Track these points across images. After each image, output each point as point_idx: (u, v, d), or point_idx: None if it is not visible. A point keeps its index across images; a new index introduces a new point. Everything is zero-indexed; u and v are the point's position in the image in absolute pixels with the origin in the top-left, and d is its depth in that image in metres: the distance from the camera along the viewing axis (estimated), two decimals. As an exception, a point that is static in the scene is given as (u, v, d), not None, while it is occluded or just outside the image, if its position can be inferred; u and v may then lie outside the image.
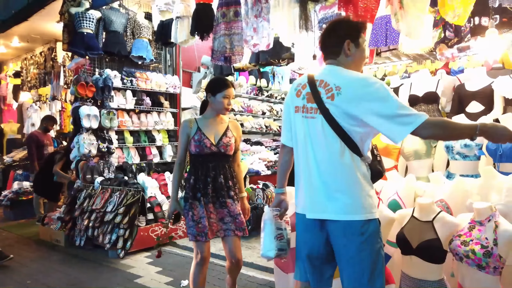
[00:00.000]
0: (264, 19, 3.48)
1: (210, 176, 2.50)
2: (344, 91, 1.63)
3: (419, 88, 3.64)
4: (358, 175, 1.66)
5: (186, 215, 2.49)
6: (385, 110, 1.54)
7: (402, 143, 3.13)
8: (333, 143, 1.65)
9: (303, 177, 1.77)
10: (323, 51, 1.81)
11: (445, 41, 3.55)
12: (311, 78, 1.76)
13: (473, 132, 1.53)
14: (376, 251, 1.68)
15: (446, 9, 2.50)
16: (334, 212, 1.66)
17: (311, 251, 1.77)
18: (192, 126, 2.53)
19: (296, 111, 1.79)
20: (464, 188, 2.44)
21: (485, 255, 1.86)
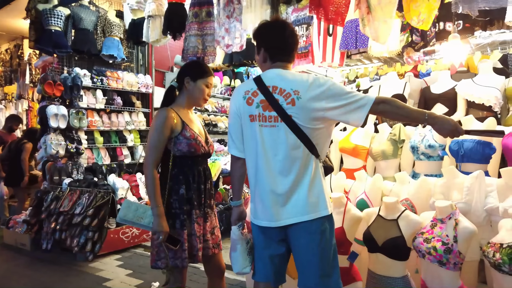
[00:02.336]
0: (236, 19, 3.49)
1: (203, 182, 2.10)
2: (303, 94, 1.66)
3: (388, 90, 3.74)
4: (318, 175, 1.72)
5: (181, 235, 2.00)
6: (342, 102, 1.63)
7: (370, 144, 3.21)
8: (296, 149, 1.68)
9: (261, 187, 1.73)
10: (272, 52, 1.77)
11: (412, 45, 3.67)
12: (261, 84, 1.72)
13: (422, 117, 1.62)
14: (333, 245, 1.76)
15: (411, 14, 2.58)
16: (297, 215, 1.68)
17: (272, 253, 1.78)
18: (176, 119, 2.02)
19: (252, 120, 1.73)
20: (428, 187, 2.54)
21: (445, 252, 1.94)
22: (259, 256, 1.83)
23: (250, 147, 1.76)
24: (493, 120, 2.69)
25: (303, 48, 4.12)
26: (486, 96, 3.05)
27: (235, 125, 1.80)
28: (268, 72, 1.77)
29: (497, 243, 1.89)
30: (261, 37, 1.83)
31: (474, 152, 2.58)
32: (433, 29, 3.49)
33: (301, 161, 1.68)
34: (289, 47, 1.79)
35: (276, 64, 1.77)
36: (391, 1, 2.73)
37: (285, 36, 1.77)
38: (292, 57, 1.82)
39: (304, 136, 1.67)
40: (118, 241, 4.11)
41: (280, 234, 1.74)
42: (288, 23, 1.84)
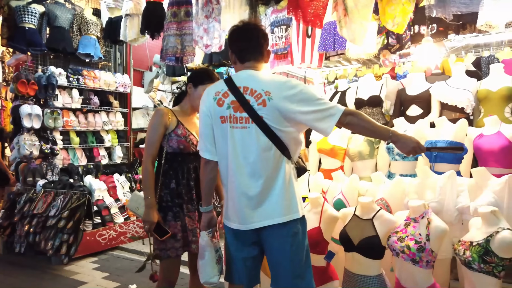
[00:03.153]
0: (215, 20, 3.48)
1: (192, 178, 2.17)
2: (274, 95, 1.65)
3: (364, 92, 3.80)
4: (290, 178, 1.71)
5: (174, 227, 2.11)
6: (313, 107, 1.63)
7: (347, 144, 3.25)
8: (268, 151, 1.66)
9: (233, 189, 1.71)
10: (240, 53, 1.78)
11: (388, 47, 3.75)
12: (232, 85, 1.72)
13: (386, 134, 1.69)
14: (306, 247, 1.76)
15: (386, 18, 2.63)
16: (269, 218, 1.67)
17: (245, 255, 1.77)
18: (171, 117, 2.15)
19: (223, 121, 1.71)
20: (403, 187, 2.59)
21: (418, 250, 1.98)
22: (232, 258, 1.81)
23: (221, 149, 1.74)
24: (465, 121, 2.76)
25: (282, 49, 4.15)
26: (458, 98, 3.13)
27: (206, 127, 1.77)
28: (240, 73, 1.77)
29: (467, 241, 1.95)
30: (231, 40, 1.84)
31: (447, 153, 2.65)
32: (408, 32, 3.58)
33: (273, 163, 1.67)
34: (258, 48, 1.79)
35: (246, 65, 1.78)
36: (367, 4, 2.77)
37: (252, 36, 1.77)
38: (262, 58, 1.82)
39: (276, 137, 1.66)
40: (94, 243, 4.03)
41: (253, 236, 1.73)
42: (257, 25, 1.84)
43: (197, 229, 2.15)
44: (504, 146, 2.53)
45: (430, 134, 2.87)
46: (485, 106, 3.18)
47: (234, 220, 1.74)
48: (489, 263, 1.80)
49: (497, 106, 3.09)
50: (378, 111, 3.71)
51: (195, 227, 2.16)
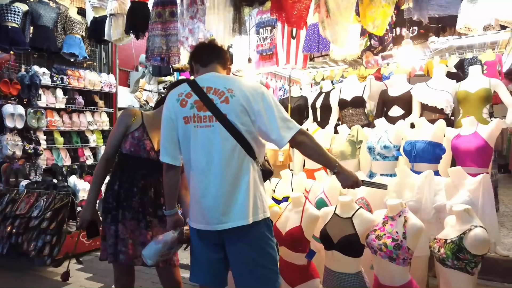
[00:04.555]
0: (200, 20, 3.49)
1: (138, 185, 2.06)
2: (237, 93, 1.66)
3: (348, 92, 3.86)
4: (255, 179, 1.70)
5: (106, 230, 2.04)
6: (274, 115, 1.66)
7: (330, 144, 3.30)
8: (232, 150, 1.65)
9: (197, 189, 1.69)
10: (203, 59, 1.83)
11: (371, 49, 3.80)
12: (195, 86, 1.72)
13: (333, 164, 1.72)
14: (272, 248, 1.74)
15: (367, 20, 2.68)
16: (237, 219, 1.64)
17: (210, 257, 1.74)
18: (135, 119, 2.08)
19: (186, 122, 1.69)
20: (382, 186, 2.64)
21: (395, 248, 2.02)
22: (197, 259, 1.78)
23: (186, 150, 1.72)
24: (443, 122, 2.83)
25: (268, 50, 4.18)
26: (438, 99, 3.20)
27: (168, 131, 1.74)
28: (203, 75, 1.78)
29: (442, 239, 2.00)
30: (193, 54, 1.88)
31: (426, 153, 2.71)
32: (390, 34, 3.64)
33: (238, 163, 1.65)
34: (220, 54, 1.85)
35: (209, 68, 1.81)
36: (348, 6, 2.82)
37: (215, 46, 1.88)
38: (225, 65, 1.87)
39: (240, 136, 1.65)
40: (78, 244, 3.99)
41: (218, 238, 1.70)
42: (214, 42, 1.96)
43: (129, 240, 2.01)
44: (480, 146, 2.60)
45: (410, 134, 2.93)
46: (464, 107, 3.26)
47: (199, 221, 1.70)
48: (462, 259, 1.85)
49: (475, 107, 3.17)
50: (361, 112, 3.77)
51: (127, 237, 2.02)
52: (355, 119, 3.73)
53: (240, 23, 3.33)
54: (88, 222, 2.04)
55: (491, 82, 3.22)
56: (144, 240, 2.04)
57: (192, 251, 1.83)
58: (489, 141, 2.61)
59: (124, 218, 2.03)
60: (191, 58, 1.89)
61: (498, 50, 7.44)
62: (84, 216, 2.03)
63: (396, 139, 2.87)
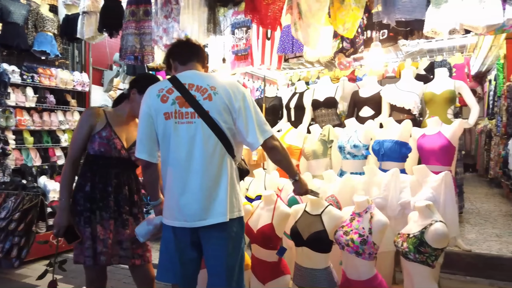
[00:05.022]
0: (174, 20, 3.49)
1: (111, 184, 2.05)
2: (220, 91, 1.69)
3: (321, 93, 3.94)
4: (233, 177, 1.73)
5: (82, 233, 2.01)
6: (253, 117, 1.71)
7: (303, 144, 3.35)
8: (213, 147, 1.66)
9: (175, 186, 1.68)
10: (181, 57, 1.83)
11: (343, 51, 3.90)
12: (177, 82, 1.72)
13: (294, 175, 1.89)
14: (242, 247, 1.79)
15: (337, 23, 2.75)
16: (216, 216, 1.65)
17: (183, 255, 1.73)
18: (99, 118, 2.05)
19: (167, 118, 1.68)
20: (351, 184, 2.72)
21: (361, 243, 2.09)
22: (169, 257, 1.75)
23: (165, 146, 1.71)
24: (409, 122, 2.92)
25: (243, 50, 4.22)
26: (406, 100, 3.32)
27: (146, 127, 1.72)
28: (184, 73, 1.78)
29: (405, 234, 2.08)
30: (171, 52, 1.89)
31: (393, 152, 2.81)
32: (361, 37, 3.74)
33: (218, 160, 1.67)
34: (200, 52, 1.87)
35: (189, 66, 1.81)
36: (320, 9, 2.88)
37: (194, 44, 1.89)
38: (204, 63, 1.88)
39: (222, 133, 1.67)
40: (48, 246, 3.91)
41: (193, 235, 1.70)
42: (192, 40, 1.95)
43: (108, 240, 2.00)
44: (444, 145, 2.71)
45: (378, 134, 3.02)
46: (430, 108, 3.38)
47: (176, 217, 1.70)
48: (423, 253, 1.93)
49: (440, 108, 3.30)
50: (333, 112, 3.85)
51: (107, 237, 2.00)
52: (328, 119, 3.81)
53: (215, 23, 3.35)
54: (65, 228, 1.99)
55: (456, 84, 3.36)
56: (121, 239, 2.06)
57: (162, 249, 1.80)
58: (452, 141, 2.72)
59: (102, 219, 2.02)
60: (168, 55, 1.89)
61: (467, 53, 7.75)
62: (60, 223, 1.98)
63: (365, 139, 2.96)
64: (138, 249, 2.10)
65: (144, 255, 2.12)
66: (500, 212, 4.85)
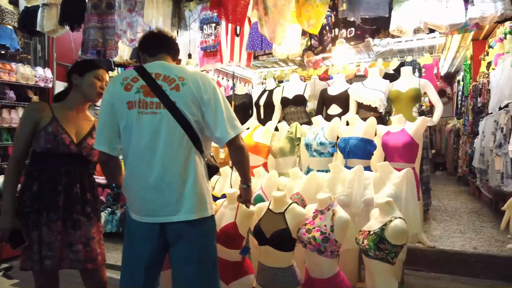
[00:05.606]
0: (138, 14, 3.38)
1: (61, 183, 1.92)
2: (189, 82, 1.62)
3: (290, 91, 3.92)
4: (201, 173, 1.65)
5: (30, 236, 1.88)
6: (223, 111, 1.64)
7: (270, 141, 3.32)
8: (179, 140, 1.59)
9: (141, 181, 1.60)
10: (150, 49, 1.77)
11: (312, 49, 3.88)
12: (143, 71, 1.65)
13: (247, 181, 1.86)
14: (215, 246, 1.74)
15: (302, 19, 2.72)
16: (184, 213, 1.58)
17: (150, 257, 1.65)
18: (44, 113, 1.92)
19: (130, 107, 1.59)
20: (317, 182, 2.69)
21: (323, 241, 2.06)
22: (131, 255, 1.68)
23: (126, 137, 1.62)
24: (373, 120, 2.92)
25: (212, 46, 4.15)
26: (372, 98, 3.33)
27: (107, 117, 1.63)
28: (152, 63, 1.71)
29: (366, 231, 2.07)
30: (141, 43, 1.82)
31: (358, 149, 2.80)
32: (329, 34, 3.73)
33: (184, 154, 1.59)
34: (171, 44, 1.80)
35: (158, 58, 1.74)
36: (286, 4, 2.85)
37: (165, 35, 1.81)
38: (174, 55, 1.81)
39: (189, 126, 1.60)
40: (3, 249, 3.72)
41: (158, 232, 1.62)
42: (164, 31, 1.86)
43: (55, 243, 1.88)
44: (407, 143, 2.73)
45: (344, 131, 3.01)
46: (396, 106, 3.41)
47: (139, 212, 1.63)
48: (383, 250, 1.92)
49: (405, 105, 3.33)
50: (302, 110, 3.84)
51: (53, 240, 1.88)
52: (296, 117, 3.79)
53: (180, 18, 3.28)
54: (10, 232, 1.83)
55: (421, 83, 3.40)
56: (72, 241, 1.93)
57: (125, 247, 1.71)
58: (415, 138, 2.75)
59: (49, 221, 1.89)
60: (138, 47, 1.82)
61: (436, 54, 7.94)
62: (4, 226, 1.82)
63: (331, 136, 2.95)
64: (92, 252, 1.98)
65: (97, 258, 2.00)
66: (466, 209, 4.97)
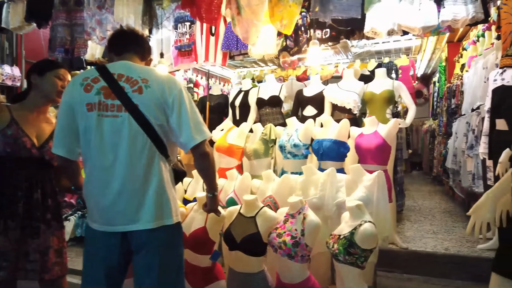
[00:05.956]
0: (108, 11, 3.28)
1: (22, 188, 1.86)
2: (153, 85, 1.55)
3: (266, 92, 3.88)
4: (165, 179, 1.59)
5: None
6: (188, 115, 1.57)
7: (245, 143, 3.27)
8: (142, 144, 1.52)
9: (100, 188, 1.54)
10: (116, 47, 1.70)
11: (288, 49, 3.85)
12: (105, 71, 1.57)
13: (215, 189, 1.78)
14: (180, 254, 1.68)
15: (275, 19, 2.69)
16: (144, 221, 1.52)
17: (111, 265, 1.58)
18: (3, 116, 1.87)
19: (90, 109, 1.52)
20: (290, 184, 2.66)
21: (293, 245, 2.03)
22: (91, 265, 1.60)
23: (86, 141, 1.55)
24: (346, 121, 2.91)
25: (186, 46, 4.07)
26: (346, 99, 3.33)
27: (65, 119, 1.56)
28: (115, 63, 1.64)
29: (336, 235, 2.04)
30: (109, 42, 1.75)
31: (331, 151, 2.79)
32: (305, 35, 3.71)
33: (147, 160, 1.53)
34: (138, 42, 1.72)
35: (124, 57, 1.66)
36: (259, 4, 2.81)
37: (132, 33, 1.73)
38: (143, 55, 1.74)
39: (152, 130, 1.53)
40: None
41: (118, 241, 1.55)
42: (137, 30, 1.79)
43: (10, 253, 1.80)
44: (379, 145, 2.73)
45: (318, 133, 2.99)
46: (370, 107, 3.42)
47: (98, 220, 1.56)
48: (353, 254, 1.89)
49: (379, 107, 3.33)
50: (277, 111, 3.81)
51: (8, 250, 1.80)
52: (272, 118, 3.75)
53: (151, 16, 3.19)
54: None
55: (394, 84, 3.41)
56: (29, 250, 1.85)
57: (85, 255, 1.63)
58: (388, 140, 2.75)
59: (6, 228, 1.81)
60: (107, 46, 1.75)
61: (412, 55, 8.06)
62: None
63: (305, 138, 2.92)
64: (49, 262, 1.90)
65: (54, 269, 1.92)
66: (440, 209, 5.05)
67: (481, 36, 4.49)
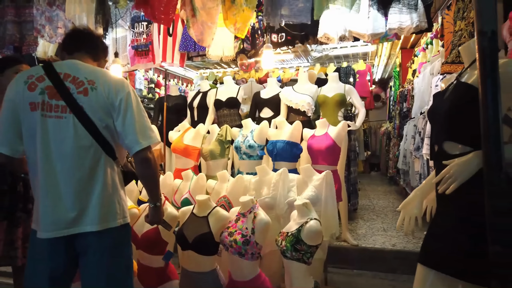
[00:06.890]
0: (59, 8, 3.20)
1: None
2: (99, 87, 1.53)
3: (224, 93, 3.92)
4: (113, 180, 1.58)
5: None
6: (134, 118, 1.56)
7: (201, 144, 3.29)
8: (86, 147, 1.50)
9: (44, 190, 1.49)
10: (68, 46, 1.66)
11: (245, 52, 3.92)
12: (51, 70, 1.53)
13: (158, 199, 1.72)
14: (128, 254, 1.66)
15: (229, 22, 2.73)
16: (89, 224, 1.49)
17: (56, 272, 1.52)
18: None
19: (33, 108, 1.48)
20: (244, 184, 2.71)
21: (244, 243, 2.07)
22: (36, 272, 1.53)
23: (29, 141, 1.51)
24: (299, 123, 3.00)
25: (143, 46, 4.04)
26: (300, 102, 3.42)
27: (8, 117, 1.51)
28: (63, 61, 1.60)
29: (284, 232, 2.11)
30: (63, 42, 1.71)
31: (284, 151, 2.86)
32: (261, 38, 3.79)
33: (93, 162, 1.51)
34: (91, 40, 1.69)
35: (74, 56, 1.63)
36: (214, 7, 2.84)
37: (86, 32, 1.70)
38: (97, 53, 1.71)
39: (97, 132, 1.51)
40: None
41: (64, 246, 1.51)
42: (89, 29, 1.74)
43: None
44: (329, 146, 2.83)
45: (272, 134, 3.06)
46: (323, 110, 3.53)
47: (42, 224, 1.51)
48: (300, 251, 1.97)
49: (331, 110, 3.46)
50: (235, 112, 3.85)
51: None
52: (229, 119, 3.79)
53: (105, 14, 3.13)
54: None
55: (346, 88, 3.55)
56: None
57: (29, 262, 1.57)
58: (337, 141, 2.86)
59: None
60: (62, 43, 1.70)
61: (369, 60, 8.38)
62: None
63: (260, 139, 2.98)
64: None
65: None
66: (392, 208, 5.27)
67: (429, 44, 4.76)
